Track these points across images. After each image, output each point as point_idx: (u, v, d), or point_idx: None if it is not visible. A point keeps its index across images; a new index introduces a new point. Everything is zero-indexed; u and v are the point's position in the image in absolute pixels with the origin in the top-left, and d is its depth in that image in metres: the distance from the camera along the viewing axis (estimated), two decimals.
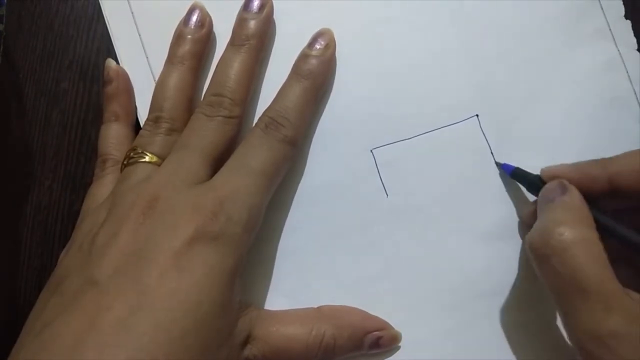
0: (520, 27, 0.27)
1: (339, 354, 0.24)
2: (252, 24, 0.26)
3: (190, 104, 0.26)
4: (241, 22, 0.26)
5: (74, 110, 0.29)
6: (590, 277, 0.19)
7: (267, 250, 0.26)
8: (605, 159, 0.23)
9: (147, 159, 0.24)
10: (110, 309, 0.19)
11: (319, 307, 0.25)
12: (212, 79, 0.26)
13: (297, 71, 0.26)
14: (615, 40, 0.27)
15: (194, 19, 0.27)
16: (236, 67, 0.25)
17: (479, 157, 0.27)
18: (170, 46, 0.27)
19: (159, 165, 0.24)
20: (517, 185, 0.26)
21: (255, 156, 0.24)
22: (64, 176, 0.29)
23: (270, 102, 0.25)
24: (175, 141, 0.25)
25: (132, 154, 0.25)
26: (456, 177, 0.26)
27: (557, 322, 0.25)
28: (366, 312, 0.25)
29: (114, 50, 0.28)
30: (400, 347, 0.25)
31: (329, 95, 0.27)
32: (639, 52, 0.27)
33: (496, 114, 0.27)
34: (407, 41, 0.27)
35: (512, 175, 0.26)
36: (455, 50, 0.27)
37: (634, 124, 0.27)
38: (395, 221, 0.26)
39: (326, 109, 0.27)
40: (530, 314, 0.26)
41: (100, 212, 0.24)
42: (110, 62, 0.28)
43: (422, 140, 0.27)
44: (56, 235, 0.29)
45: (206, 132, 0.24)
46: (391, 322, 0.25)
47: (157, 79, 0.27)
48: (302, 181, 0.27)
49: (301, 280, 0.26)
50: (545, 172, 0.24)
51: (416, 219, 0.26)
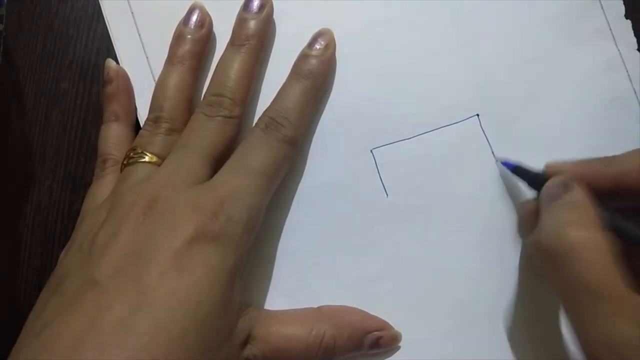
0: (520, 27, 0.27)
1: (339, 354, 0.24)
2: (252, 24, 0.26)
3: (190, 104, 0.26)
4: (241, 22, 0.26)
5: (74, 110, 0.29)
6: (600, 280, 0.19)
7: (267, 250, 0.26)
8: (609, 158, 0.23)
9: (147, 159, 0.24)
10: (110, 309, 0.19)
11: (319, 307, 0.25)
12: (212, 79, 0.26)
13: (297, 71, 0.26)
14: (615, 40, 0.27)
15: (194, 19, 0.27)
16: (236, 67, 0.25)
17: (480, 156, 0.27)
18: (170, 46, 0.27)
19: (159, 165, 0.24)
20: (518, 185, 0.26)
21: (255, 156, 0.24)
22: (64, 176, 0.29)
23: (270, 102, 0.25)
24: (175, 141, 0.25)
25: (132, 154, 0.25)
26: (456, 177, 0.26)
27: (558, 322, 0.25)
28: (366, 312, 0.25)
29: (114, 50, 0.28)
30: (400, 347, 0.25)
31: (329, 95, 0.27)
32: (639, 52, 0.27)
33: (496, 113, 0.27)
34: (407, 41, 0.27)
35: (514, 171, 0.25)
36: (455, 50, 0.27)
37: (634, 124, 0.27)
38: (395, 221, 0.26)
39: (326, 109, 0.27)
40: (530, 313, 0.26)
41: (100, 212, 0.24)
42: (110, 62, 0.28)
43: (422, 140, 0.27)
44: (56, 235, 0.29)
45: (206, 132, 0.24)
46: (391, 322, 0.25)
47: (157, 79, 0.27)
48: (302, 181, 0.27)
49: (301, 280, 0.26)
50: (549, 168, 0.23)
51: (416, 219, 0.26)
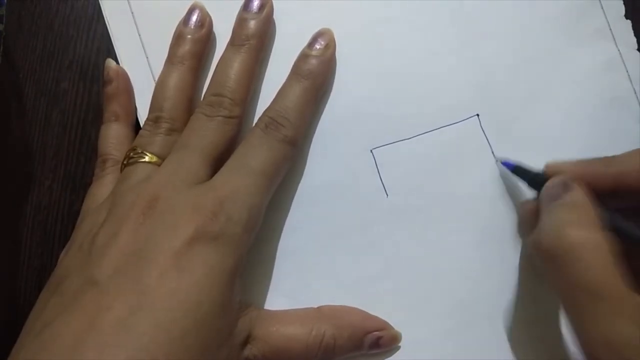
0: (520, 27, 0.27)
1: (339, 354, 0.24)
2: (252, 24, 0.26)
3: (190, 104, 0.26)
4: (241, 22, 0.26)
5: (74, 110, 0.29)
6: (600, 280, 0.19)
7: (267, 250, 0.26)
8: (609, 158, 0.23)
9: (147, 159, 0.24)
10: (110, 309, 0.19)
11: (319, 307, 0.25)
12: (212, 79, 0.26)
13: (297, 71, 0.26)
14: (615, 40, 0.27)
15: (194, 19, 0.27)
16: (236, 67, 0.25)
17: (480, 156, 0.27)
18: (170, 46, 0.27)
19: (159, 165, 0.24)
20: (518, 185, 0.26)
21: (255, 156, 0.24)
22: (64, 176, 0.29)
23: (270, 102, 0.25)
24: (175, 141, 0.25)
25: (132, 154, 0.25)
26: (456, 177, 0.26)
27: (558, 322, 0.25)
28: (366, 312, 0.25)
29: (114, 50, 0.28)
30: (400, 347, 0.25)
31: (329, 95, 0.27)
32: (639, 52, 0.27)
33: (496, 113, 0.27)
34: (407, 41, 0.27)
35: (514, 171, 0.25)
36: (455, 50, 0.27)
37: (634, 124, 0.27)
38: (395, 221, 0.26)
39: (326, 109, 0.27)
40: (530, 313, 0.26)
41: (100, 212, 0.24)
42: (110, 62, 0.28)
43: (422, 140, 0.27)
44: (56, 235, 0.29)
45: (206, 132, 0.24)
46: (391, 322, 0.25)
47: (157, 79, 0.27)
48: (302, 181, 0.27)
49: (301, 280, 0.26)
50: (548, 168, 0.23)
51: (416, 219, 0.26)
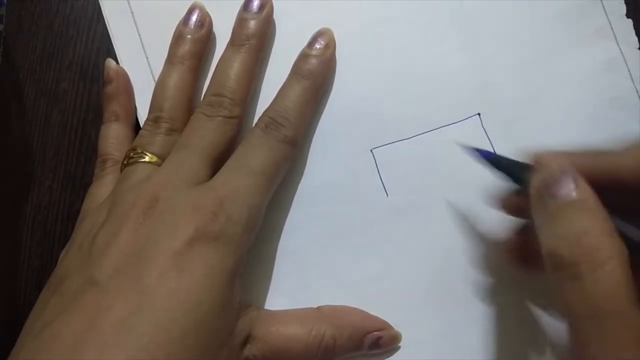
0: (520, 27, 0.27)
1: (338, 354, 0.24)
2: (252, 24, 0.26)
3: (190, 104, 0.26)
4: (241, 22, 0.26)
5: (74, 110, 0.29)
6: (619, 303, 0.16)
7: (267, 250, 0.26)
8: (603, 151, 0.20)
9: (147, 159, 0.24)
10: (110, 309, 0.19)
11: (319, 307, 0.25)
12: (212, 79, 0.26)
13: (297, 71, 0.26)
14: (617, 39, 0.27)
15: (194, 18, 0.27)
16: (236, 67, 0.25)
17: None
18: (170, 46, 0.27)
19: (159, 165, 0.24)
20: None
21: (255, 156, 0.24)
22: (64, 176, 0.29)
23: (270, 102, 0.25)
24: (175, 141, 0.25)
25: (132, 154, 0.25)
26: (457, 177, 0.26)
27: (559, 323, 0.25)
28: (366, 312, 0.25)
29: (114, 50, 0.28)
30: (400, 347, 0.25)
31: (329, 95, 0.27)
32: None
33: (497, 113, 0.27)
34: (407, 41, 0.27)
35: (493, 162, 0.22)
36: (455, 50, 0.27)
37: (636, 124, 0.27)
38: (395, 221, 0.26)
39: (326, 109, 0.27)
40: (530, 314, 0.25)
41: (100, 212, 0.24)
42: (110, 62, 0.28)
43: (422, 140, 0.27)
44: (56, 235, 0.29)
45: (206, 132, 0.24)
46: (391, 322, 0.25)
47: (157, 79, 0.27)
48: (302, 181, 0.27)
49: (301, 280, 0.26)
50: (538, 160, 0.20)
51: (416, 219, 0.26)
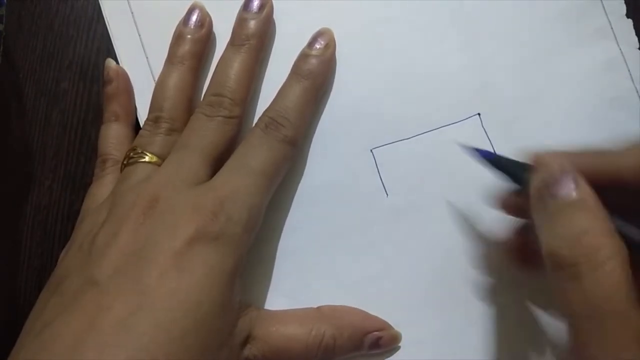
0: (520, 27, 0.27)
1: (338, 354, 0.24)
2: (252, 24, 0.26)
3: (190, 104, 0.26)
4: (241, 22, 0.26)
5: (74, 110, 0.29)
6: (619, 303, 0.16)
7: (267, 250, 0.26)
8: (603, 150, 0.20)
9: (147, 159, 0.24)
10: (110, 309, 0.19)
11: (318, 307, 0.25)
12: (212, 79, 0.26)
13: (297, 71, 0.26)
14: (617, 39, 0.27)
15: (194, 18, 0.27)
16: (236, 67, 0.25)
17: None
18: (170, 46, 0.27)
19: (159, 165, 0.24)
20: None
21: (255, 156, 0.24)
22: (64, 176, 0.29)
23: (270, 102, 0.25)
24: (175, 141, 0.25)
25: (132, 154, 0.25)
26: (457, 177, 0.26)
27: (559, 323, 0.25)
28: (366, 312, 0.25)
29: (114, 50, 0.28)
30: (400, 347, 0.25)
31: (329, 95, 0.27)
32: None
33: (497, 113, 0.27)
34: (407, 41, 0.27)
35: (493, 162, 0.22)
36: (455, 50, 0.27)
37: (636, 124, 0.27)
38: (395, 221, 0.26)
39: (326, 109, 0.27)
40: (530, 314, 0.25)
41: (100, 212, 0.24)
42: (110, 62, 0.28)
43: (422, 140, 0.27)
44: (56, 235, 0.29)
45: (206, 132, 0.24)
46: (391, 322, 0.25)
47: (157, 79, 0.27)
48: (302, 181, 0.27)
49: (301, 280, 0.26)
50: (538, 160, 0.20)
51: (416, 219, 0.26)
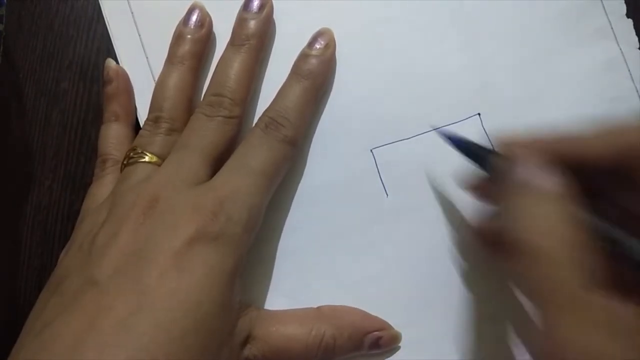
0: (520, 27, 0.27)
1: (338, 354, 0.24)
2: (252, 24, 0.26)
3: (190, 104, 0.26)
4: (241, 22, 0.26)
5: (74, 110, 0.29)
6: (574, 286, 0.17)
7: (267, 250, 0.26)
8: (577, 135, 0.19)
9: (147, 159, 0.24)
10: (110, 309, 0.19)
11: (318, 307, 0.25)
12: (212, 79, 0.26)
13: (297, 71, 0.26)
14: (617, 39, 0.27)
15: (194, 18, 0.27)
16: (236, 67, 0.25)
17: None
18: (170, 46, 0.27)
19: (159, 165, 0.24)
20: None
21: (255, 156, 0.24)
22: (64, 176, 0.29)
23: (270, 102, 0.25)
24: (175, 141, 0.25)
25: (132, 154, 0.25)
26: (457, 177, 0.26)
27: None
28: (366, 312, 0.25)
29: (114, 50, 0.28)
30: (400, 347, 0.25)
31: (329, 95, 0.27)
32: None
33: (496, 113, 0.27)
34: (407, 41, 0.27)
35: (462, 148, 0.22)
36: (455, 50, 0.27)
37: None
38: (395, 221, 0.26)
39: (326, 109, 0.27)
40: (531, 314, 0.26)
41: (100, 212, 0.24)
42: (110, 62, 0.28)
43: (422, 140, 0.27)
44: (56, 235, 0.29)
45: (206, 132, 0.24)
46: (391, 322, 0.25)
47: (157, 79, 0.27)
48: (302, 181, 0.27)
49: (301, 280, 0.26)
50: (503, 148, 0.20)
51: (416, 219, 0.26)
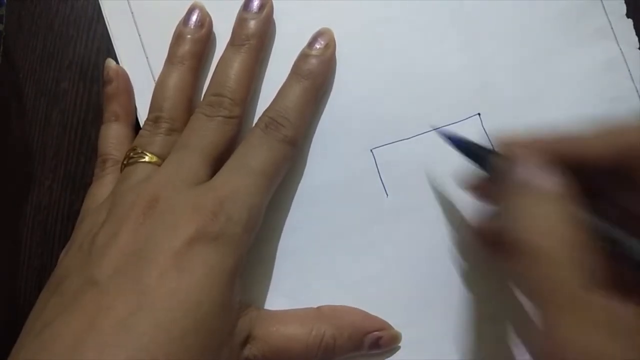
0: (520, 27, 0.27)
1: (338, 354, 0.24)
2: (252, 24, 0.26)
3: (190, 104, 0.26)
4: (241, 22, 0.26)
5: (74, 110, 0.29)
6: (574, 286, 0.17)
7: (267, 250, 0.26)
8: (577, 135, 0.20)
9: (147, 159, 0.24)
10: (110, 309, 0.19)
11: (319, 307, 0.25)
12: (212, 79, 0.26)
13: (297, 71, 0.26)
14: (617, 39, 0.27)
15: (194, 18, 0.27)
16: (236, 67, 0.25)
17: None
18: (170, 46, 0.27)
19: (159, 165, 0.24)
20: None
21: (255, 156, 0.24)
22: (64, 176, 0.29)
23: (270, 102, 0.25)
24: (175, 141, 0.25)
25: (132, 154, 0.25)
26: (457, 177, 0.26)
27: None
28: (366, 312, 0.25)
29: (114, 50, 0.28)
30: (400, 347, 0.25)
31: (329, 95, 0.27)
32: None
33: (496, 113, 0.27)
34: (407, 41, 0.27)
35: (462, 148, 0.22)
36: (455, 50, 0.27)
37: None
38: (395, 221, 0.26)
39: (326, 109, 0.27)
40: (531, 314, 0.26)
41: (100, 212, 0.24)
42: (110, 62, 0.28)
43: (422, 140, 0.27)
44: (56, 235, 0.29)
45: (206, 132, 0.24)
46: (391, 322, 0.25)
47: (157, 79, 0.27)
48: (302, 181, 0.27)
49: (301, 280, 0.26)
50: (504, 148, 0.20)
51: (416, 219, 0.26)
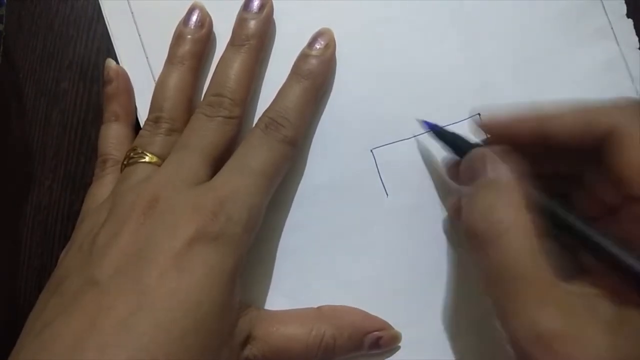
0: (520, 27, 0.27)
1: (338, 354, 0.24)
2: (252, 24, 0.26)
3: (190, 104, 0.26)
4: (241, 22, 0.26)
5: (74, 110, 0.29)
6: (526, 266, 0.18)
7: (267, 250, 0.26)
8: (548, 114, 0.22)
9: (147, 159, 0.24)
10: (110, 309, 0.19)
11: (319, 307, 0.25)
12: (212, 79, 0.26)
13: (297, 71, 0.26)
14: (617, 39, 0.27)
15: (194, 19, 0.27)
16: (236, 67, 0.25)
17: None
18: (170, 46, 0.27)
19: (159, 165, 0.24)
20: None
21: (255, 156, 0.24)
22: (64, 176, 0.29)
23: (270, 102, 0.25)
24: (175, 141, 0.25)
25: (132, 154, 0.25)
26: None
27: None
28: (366, 312, 0.25)
29: (114, 50, 0.28)
30: (400, 347, 0.25)
31: (329, 95, 0.27)
32: None
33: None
34: (407, 41, 0.27)
35: (437, 134, 0.24)
36: (455, 50, 0.27)
37: None
38: (395, 221, 0.26)
39: (326, 109, 0.27)
40: None
41: (100, 212, 0.24)
42: (110, 62, 0.28)
43: (422, 140, 0.27)
44: (56, 235, 0.29)
45: (206, 132, 0.24)
46: (391, 322, 0.25)
47: (157, 79, 0.27)
48: (302, 181, 0.27)
49: (301, 280, 0.26)
50: (484, 123, 0.23)
51: (416, 219, 0.26)
